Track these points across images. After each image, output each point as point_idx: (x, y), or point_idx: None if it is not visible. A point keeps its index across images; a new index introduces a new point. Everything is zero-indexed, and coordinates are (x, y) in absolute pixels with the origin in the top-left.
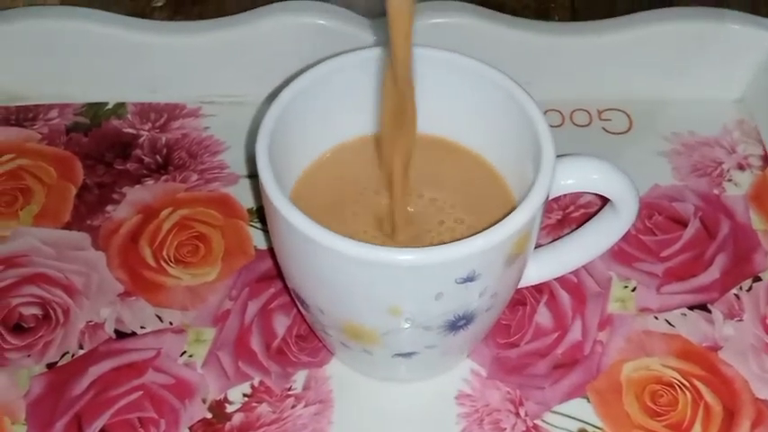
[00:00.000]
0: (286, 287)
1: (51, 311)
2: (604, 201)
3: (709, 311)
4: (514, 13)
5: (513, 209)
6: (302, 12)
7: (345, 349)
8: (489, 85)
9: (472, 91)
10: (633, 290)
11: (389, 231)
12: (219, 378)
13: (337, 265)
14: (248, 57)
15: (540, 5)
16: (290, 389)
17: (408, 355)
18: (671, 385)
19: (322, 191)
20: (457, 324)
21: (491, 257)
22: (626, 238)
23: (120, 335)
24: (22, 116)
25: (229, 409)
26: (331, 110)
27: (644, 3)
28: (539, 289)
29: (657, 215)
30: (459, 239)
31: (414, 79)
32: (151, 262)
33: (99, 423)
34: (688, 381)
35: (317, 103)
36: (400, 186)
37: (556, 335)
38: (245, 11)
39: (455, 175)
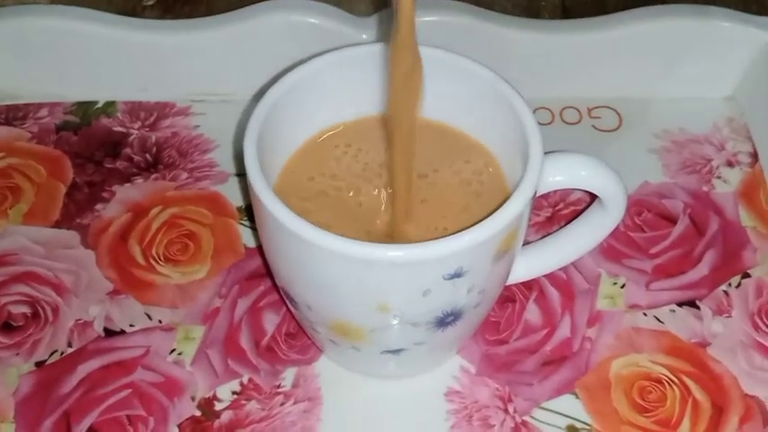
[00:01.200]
0: (275, 285)
1: (40, 310)
2: (593, 198)
3: (698, 308)
4: (505, 11)
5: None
6: (292, 10)
7: (334, 346)
8: (479, 82)
9: (463, 88)
10: (622, 286)
11: (386, 226)
12: (209, 376)
13: (325, 261)
14: (238, 55)
15: (530, 4)
16: (279, 386)
17: (397, 351)
18: (660, 381)
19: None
20: (445, 320)
21: (478, 254)
22: (615, 234)
23: (110, 333)
24: (12, 115)
25: (218, 406)
26: (319, 107)
27: (634, 1)
28: (528, 286)
29: (647, 212)
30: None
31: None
32: (140, 260)
33: (88, 421)
34: (677, 377)
35: (304, 101)
36: (405, 176)
37: (545, 331)
38: (235, 10)
39: (455, 161)
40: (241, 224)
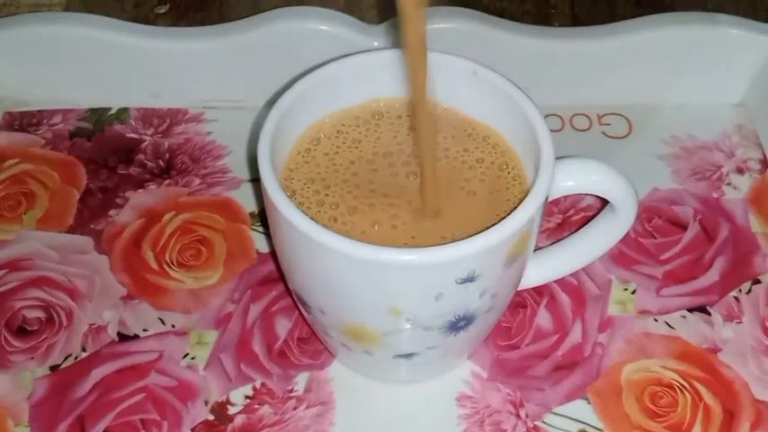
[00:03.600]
0: (288, 290)
1: (54, 314)
2: (604, 204)
3: (709, 314)
4: (515, 19)
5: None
6: (304, 17)
7: (346, 351)
8: (491, 88)
9: (477, 94)
10: (633, 292)
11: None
12: (221, 380)
13: (338, 265)
14: (251, 62)
15: (540, 11)
16: (291, 391)
17: (409, 356)
18: (671, 387)
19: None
20: (457, 325)
21: (490, 258)
22: (626, 240)
23: (123, 337)
24: (26, 121)
25: (231, 410)
26: (331, 113)
27: (643, 9)
28: (539, 291)
29: (657, 218)
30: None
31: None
32: (154, 265)
33: (102, 425)
34: (688, 382)
35: (316, 107)
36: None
37: (556, 337)
38: (247, 17)
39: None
40: (253, 230)
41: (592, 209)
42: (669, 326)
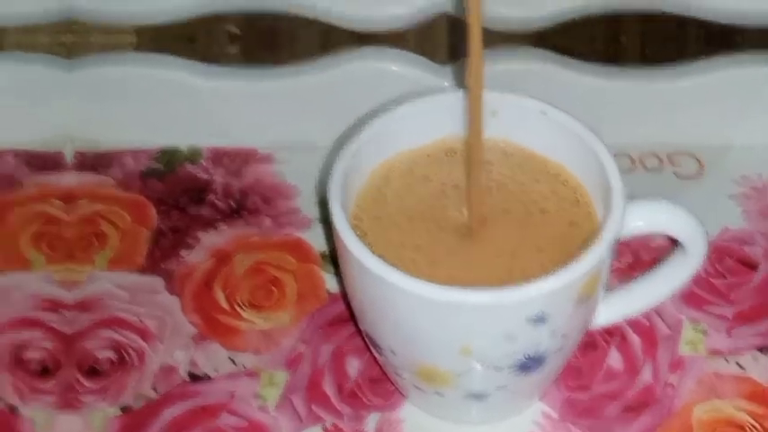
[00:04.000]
0: (358, 330)
1: (126, 355)
2: (674, 244)
3: None
4: (584, 58)
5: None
6: (374, 58)
7: (418, 392)
8: (560, 128)
9: (547, 133)
10: (704, 332)
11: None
12: (292, 420)
13: (408, 305)
14: (321, 102)
15: (608, 50)
16: None
17: (480, 396)
18: (742, 427)
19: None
20: (527, 365)
21: (560, 298)
22: (696, 281)
23: (194, 378)
24: (97, 162)
25: None
26: (401, 153)
27: (712, 48)
28: (609, 332)
29: (728, 258)
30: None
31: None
32: (225, 306)
33: None
34: (759, 423)
35: (387, 147)
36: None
37: (627, 377)
38: (317, 56)
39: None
40: (324, 270)
41: (663, 249)
42: (740, 366)
